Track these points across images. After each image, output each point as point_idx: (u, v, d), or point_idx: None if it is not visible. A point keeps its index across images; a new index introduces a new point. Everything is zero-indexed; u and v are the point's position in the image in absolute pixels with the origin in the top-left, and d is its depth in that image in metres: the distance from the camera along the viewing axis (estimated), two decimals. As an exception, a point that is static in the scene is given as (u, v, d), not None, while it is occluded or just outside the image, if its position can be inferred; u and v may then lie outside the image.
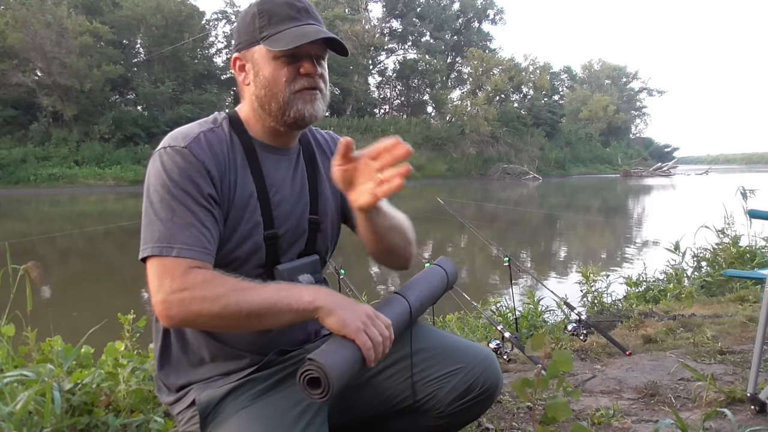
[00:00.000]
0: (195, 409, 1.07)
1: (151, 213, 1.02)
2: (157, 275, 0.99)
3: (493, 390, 1.21)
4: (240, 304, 0.96)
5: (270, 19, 1.08)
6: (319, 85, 1.11)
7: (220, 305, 0.96)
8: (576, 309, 3.01)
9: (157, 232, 1.00)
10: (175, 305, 0.97)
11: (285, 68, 1.08)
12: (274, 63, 1.08)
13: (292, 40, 1.05)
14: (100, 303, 6.16)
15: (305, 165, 1.22)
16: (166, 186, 1.02)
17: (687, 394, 2.08)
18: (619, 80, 68.03)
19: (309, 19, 1.09)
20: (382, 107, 44.99)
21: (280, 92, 1.09)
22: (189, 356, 1.13)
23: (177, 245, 0.99)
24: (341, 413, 1.18)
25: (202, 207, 1.03)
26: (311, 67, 1.08)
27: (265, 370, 1.10)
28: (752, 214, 2.45)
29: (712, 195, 11.86)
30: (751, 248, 4.73)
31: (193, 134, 1.08)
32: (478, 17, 48.12)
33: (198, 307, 0.96)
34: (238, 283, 0.99)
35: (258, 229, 1.11)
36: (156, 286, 0.98)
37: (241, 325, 1.01)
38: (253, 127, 1.15)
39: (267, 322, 0.99)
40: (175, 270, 0.98)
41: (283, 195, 1.16)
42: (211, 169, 1.05)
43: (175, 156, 1.04)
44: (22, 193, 22.22)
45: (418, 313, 1.18)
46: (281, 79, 1.08)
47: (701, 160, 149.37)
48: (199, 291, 0.96)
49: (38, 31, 25.48)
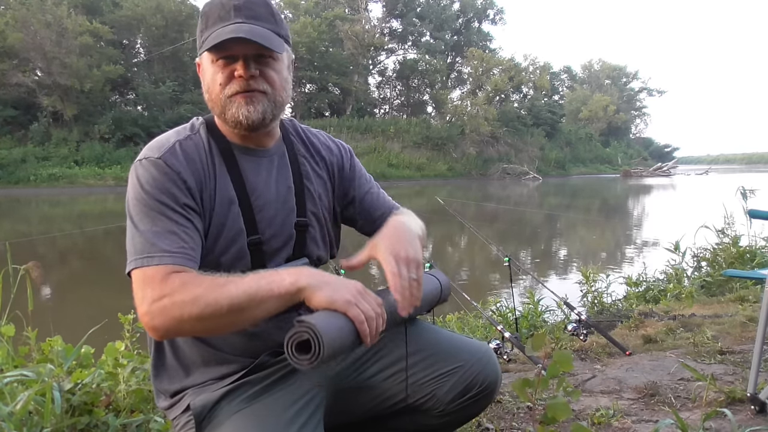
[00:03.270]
0: (190, 414, 1.06)
1: (132, 227, 1.01)
2: (140, 287, 0.96)
3: (493, 387, 1.21)
4: (219, 300, 0.92)
5: (207, 22, 1.06)
6: (257, 87, 1.06)
7: (200, 306, 0.92)
8: (576, 309, 3.01)
9: (139, 244, 0.98)
10: (157, 315, 0.93)
11: (219, 72, 1.06)
12: (212, 67, 1.07)
13: (209, 42, 1.03)
14: (100, 303, 6.15)
15: (290, 166, 1.19)
16: (142, 199, 1.01)
17: (687, 394, 2.08)
18: (619, 80, 68.04)
19: (238, 17, 1.04)
20: (382, 107, 44.99)
21: (217, 97, 1.07)
22: (182, 362, 1.12)
23: (157, 254, 0.97)
24: (338, 414, 1.17)
25: (180, 215, 1.01)
26: (241, 69, 1.04)
27: (259, 372, 1.09)
28: (752, 214, 2.45)
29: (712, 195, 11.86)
30: (751, 248, 4.73)
31: (168, 144, 1.06)
32: (478, 17, 48.11)
33: (179, 312, 0.92)
34: (216, 280, 0.95)
35: (241, 235, 1.09)
36: (139, 299, 0.95)
37: (226, 323, 0.95)
38: (228, 131, 1.13)
39: (252, 314, 0.94)
40: (155, 279, 0.95)
41: (266, 199, 1.13)
42: (188, 179, 1.04)
43: (150, 168, 1.03)
44: (22, 193, 22.21)
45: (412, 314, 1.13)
46: (217, 84, 1.06)
47: (701, 160, 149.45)
48: (177, 295, 0.93)
49: (38, 31, 25.47)
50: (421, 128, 37.01)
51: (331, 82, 37.76)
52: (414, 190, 26.03)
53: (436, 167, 35.10)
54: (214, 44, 1.02)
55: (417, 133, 36.17)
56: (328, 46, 37.16)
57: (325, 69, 36.31)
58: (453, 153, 36.99)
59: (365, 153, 32.51)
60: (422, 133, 36.38)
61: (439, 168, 35.29)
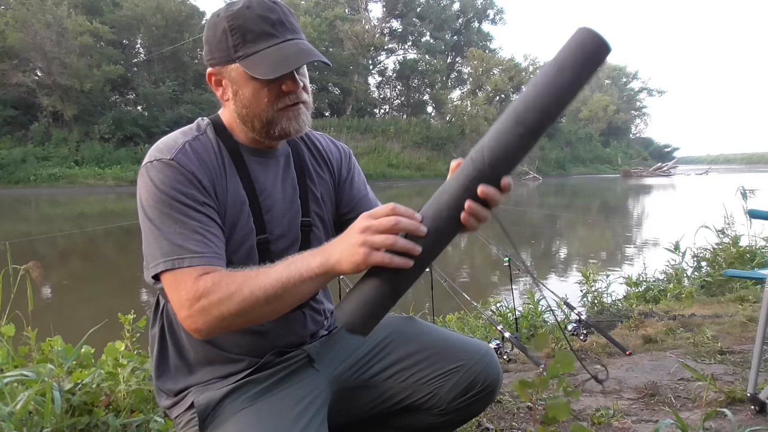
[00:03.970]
0: (194, 412, 1.06)
1: (154, 230, 0.99)
2: (174, 290, 0.97)
3: (494, 387, 1.22)
4: (255, 292, 0.93)
5: (244, 36, 1.01)
6: (302, 98, 1.07)
7: (238, 301, 0.93)
8: (576, 309, 3.01)
9: (166, 246, 0.98)
10: (199, 317, 0.95)
11: (266, 88, 1.03)
12: (254, 83, 1.03)
13: (274, 67, 0.99)
14: (100, 303, 6.16)
15: (295, 167, 1.20)
16: (161, 200, 1.00)
17: (687, 394, 2.08)
18: (619, 80, 68.01)
19: (286, 33, 1.02)
20: (382, 107, 44.95)
21: (263, 112, 1.05)
22: (186, 361, 1.12)
23: (188, 255, 0.97)
24: (341, 413, 1.18)
25: (202, 214, 1.01)
26: (293, 84, 1.04)
27: (263, 371, 1.10)
28: (752, 214, 2.45)
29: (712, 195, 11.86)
30: (751, 248, 4.73)
31: (178, 145, 1.05)
32: (478, 17, 48.08)
33: (218, 310, 0.94)
34: (248, 273, 0.96)
35: (251, 235, 1.09)
36: (177, 303, 0.97)
37: (267, 311, 0.96)
38: (238, 133, 1.13)
39: (290, 299, 0.95)
40: (186, 281, 0.96)
41: (274, 199, 1.14)
42: (202, 179, 1.03)
43: (164, 169, 1.01)
44: (22, 193, 22.21)
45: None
46: (263, 100, 1.04)
47: (701, 160, 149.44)
48: (214, 295, 0.94)
49: (38, 31, 25.47)
50: (421, 128, 37.00)
51: (331, 82, 37.75)
52: (414, 190, 26.03)
53: (436, 167, 35.08)
54: (284, 72, 0.99)
55: (417, 133, 36.16)
56: (328, 46, 37.14)
57: (325, 69, 36.30)
58: (453, 153, 36.94)
59: (365, 153, 32.52)
60: (422, 133, 36.37)
61: (439, 168, 35.25)
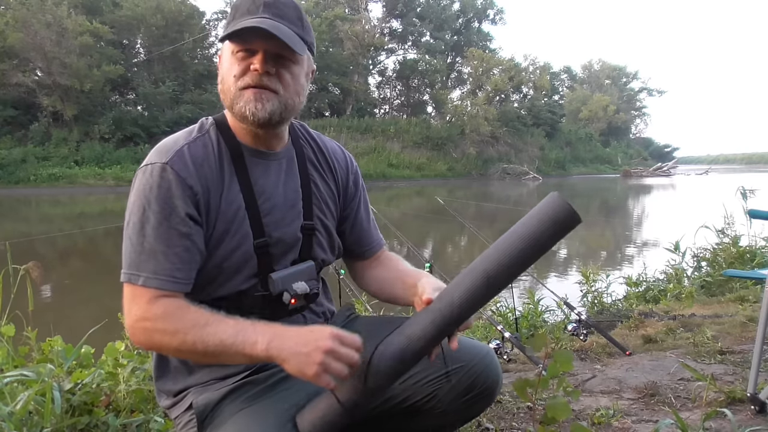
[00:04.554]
0: (192, 413, 1.06)
1: (126, 236, 1.03)
2: (127, 300, 1.02)
3: (494, 388, 1.22)
4: (196, 342, 0.96)
5: (234, 14, 1.06)
6: (270, 85, 1.04)
7: (178, 341, 0.97)
8: (576, 309, 3.01)
9: (128, 257, 1.01)
10: (139, 333, 1.00)
11: (236, 64, 1.05)
12: (231, 58, 1.06)
13: (237, 31, 1.01)
14: (100, 303, 6.14)
15: (299, 169, 1.19)
16: (141, 207, 1.01)
17: (687, 394, 2.08)
18: (619, 80, 67.98)
19: (266, 13, 1.03)
20: (382, 107, 44.93)
21: (229, 88, 1.06)
22: (186, 363, 1.12)
23: (143, 274, 1.00)
24: None
25: (176, 231, 1.01)
26: (258, 63, 1.02)
27: (262, 372, 1.10)
28: (752, 214, 2.45)
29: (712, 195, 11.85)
30: (751, 248, 4.73)
31: (175, 148, 1.05)
32: (478, 17, 48.05)
33: (159, 339, 0.99)
34: (199, 318, 0.98)
35: (247, 239, 1.09)
36: (126, 312, 1.02)
37: (201, 360, 1.05)
38: (239, 131, 1.13)
39: (224, 360, 0.99)
40: (141, 298, 1.00)
41: (274, 202, 1.13)
42: (194, 185, 1.03)
43: (154, 175, 1.02)
44: (22, 193, 22.19)
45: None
46: (231, 75, 1.05)
47: (701, 160, 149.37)
48: (159, 323, 0.98)
49: (38, 31, 25.42)
50: (421, 128, 36.98)
51: (331, 82, 37.71)
52: (414, 190, 26.03)
53: (436, 167, 35.08)
54: (234, 30, 1.01)
55: (417, 133, 36.14)
56: (328, 46, 37.10)
57: (325, 69, 36.25)
58: (453, 153, 36.98)
59: (365, 153, 32.50)
60: (422, 133, 36.35)
61: (439, 168, 35.27)
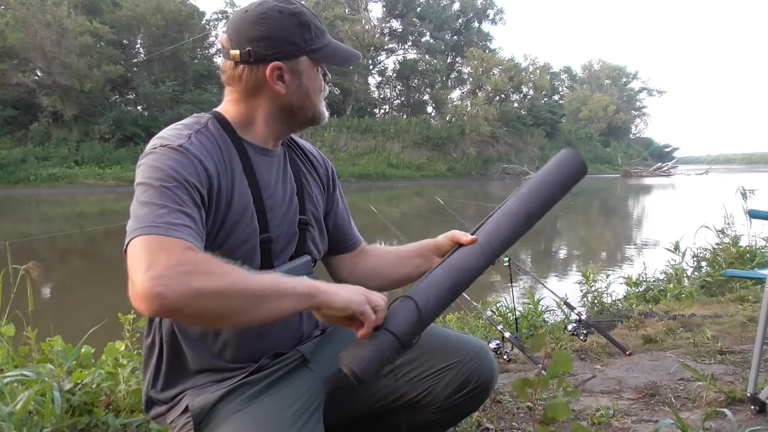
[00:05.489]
0: (188, 416, 1.05)
1: (145, 199, 0.93)
2: (148, 251, 0.85)
3: (489, 383, 1.22)
4: (246, 282, 0.88)
5: (315, 30, 1.14)
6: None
7: (228, 281, 0.86)
8: (576, 309, 3.01)
9: (157, 211, 0.90)
10: (174, 279, 0.82)
11: (319, 78, 1.18)
12: (316, 75, 1.17)
13: (346, 58, 1.19)
14: (100, 303, 6.15)
15: (291, 167, 1.22)
16: (162, 178, 0.95)
17: (687, 394, 2.08)
18: (619, 80, 68.02)
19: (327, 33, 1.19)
20: (382, 107, 44.96)
21: (317, 100, 1.18)
22: (183, 367, 1.11)
23: (180, 225, 0.90)
24: (337, 413, 1.18)
25: (195, 204, 0.97)
26: (329, 77, 1.22)
27: (258, 373, 1.09)
28: (752, 214, 2.45)
29: (712, 195, 11.85)
30: (751, 248, 4.73)
31: (184, 134, 1.04)
32: (478, 17, 48.07)
33: (202, 282, 0.84)
34: (239, 267, 0.92)
35: (254, 234, 1.09)
36: (147, 262, 0.83)
37: (244, 306, 0.89)
38: (245, 129, 1.13)
39: (270, 305, 0.91)
40: (176, 248, 0.87)
41: (276, 198, 1.15)
42: (209, 167, 1.02)
43: (170, 153, 0.99)
44: (22, 193, 22.20)
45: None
46: (318, 89, 1.18)
47: (701, 160, 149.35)
48: (203, 266, 0.87)
49: (38, 31, 25.43)
50: (421, 128, 36.99)
51: (331, 81, 37.70)
52: (414, 190, 26.04)
53: (436, 167, 35.09)
54: (355, 62, 1.22)
55: (417, 133, 36.16)
56: (328, 46, 37.13)
57: (325, 69, 36.29)
58: (453, 153, 36.99)
59: (365, 153, 32.53)
60: (422, 133, 36.36)
61: (439, 168, 35.28)
